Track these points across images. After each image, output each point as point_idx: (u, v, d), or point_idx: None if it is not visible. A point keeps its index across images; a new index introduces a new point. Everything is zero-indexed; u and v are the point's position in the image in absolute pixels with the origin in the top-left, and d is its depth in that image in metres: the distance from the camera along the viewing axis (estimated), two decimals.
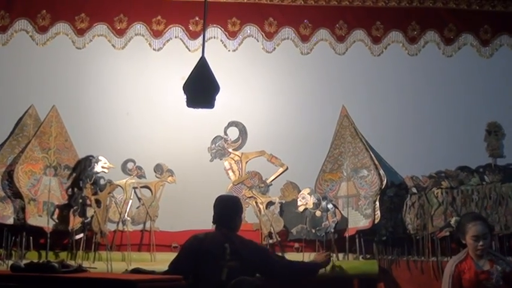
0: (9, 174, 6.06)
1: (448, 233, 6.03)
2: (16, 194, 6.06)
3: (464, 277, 5.42)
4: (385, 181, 6.24)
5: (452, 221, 5.99)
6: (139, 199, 6.40)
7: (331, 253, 6.04)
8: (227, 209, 5.58)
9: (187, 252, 5.46)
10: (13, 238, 6.00)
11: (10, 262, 5.66)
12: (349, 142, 6.45)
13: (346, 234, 6.22)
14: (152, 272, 5.52)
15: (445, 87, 6.69)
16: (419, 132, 6.62)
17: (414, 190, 6.25)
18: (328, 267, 5.97)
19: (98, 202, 6.20)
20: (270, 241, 6.24)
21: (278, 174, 6.49)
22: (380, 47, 6.68)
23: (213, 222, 5.64)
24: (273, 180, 6.50)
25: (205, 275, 5.31)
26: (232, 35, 6.64)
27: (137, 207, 6.39)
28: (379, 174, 6.25)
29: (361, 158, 6.37)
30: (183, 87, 5.46)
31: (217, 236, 5.47)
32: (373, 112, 6.64)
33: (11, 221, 6.04)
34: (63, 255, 6.01)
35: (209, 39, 6.42)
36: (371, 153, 6.36)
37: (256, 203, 6.41)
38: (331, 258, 5.96)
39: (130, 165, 6.42)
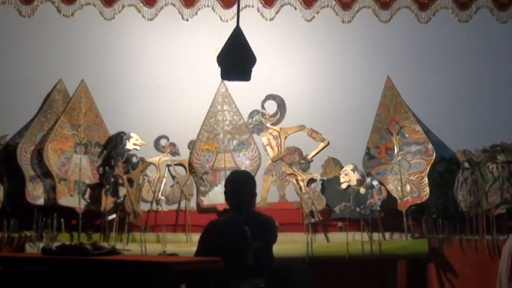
0: (39, 152, 6.03)
1: (504, 210, 5.96)
2: (46, 173, 6.03)
3: None
4: (434, 155, 6.13)
5: None
6: (173, 177, 6.34)
7: None
8: (245, 186, 4.97)
9: (208, 243, 4.95)
10: (44, 219, 5.97)
11: (41, 245, 5.58)
12: None
13: (400, 208, 6.11)
14: None
15: (499, 55, 6.52)
16: (471, 104, 6.48)
17: (466, 165, 6.15)
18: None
19: (130, 181, 6.13)
20: (312, 220, 6.16)
21: (319, 149, 6.39)
22: (428, 14, 6.48)
23: (228, 201, 4.97)
24: (313, 156, 6.39)
25: (230, 261, 4.82)
26: (268, 3, 6.48)
27: (171, 186, 6.34)
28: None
29: None
30: (217, 59, 5.25)
31: (236, 220, 4.93)
32: (420, 83, 6.50)
33: (41, 202, 6.03)
34: (95, 236, 5.98)
35: (244, 7, 6.26)
36: (418, 126, 6.24)
37: (296, 180, 6.31)
38: None
39: (163, 141, 6.36)
